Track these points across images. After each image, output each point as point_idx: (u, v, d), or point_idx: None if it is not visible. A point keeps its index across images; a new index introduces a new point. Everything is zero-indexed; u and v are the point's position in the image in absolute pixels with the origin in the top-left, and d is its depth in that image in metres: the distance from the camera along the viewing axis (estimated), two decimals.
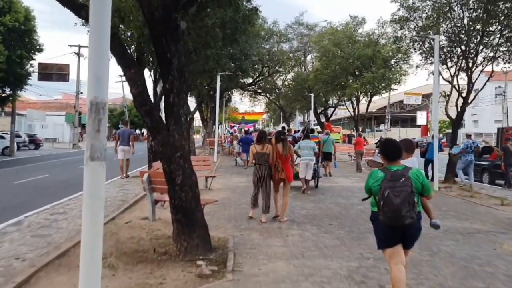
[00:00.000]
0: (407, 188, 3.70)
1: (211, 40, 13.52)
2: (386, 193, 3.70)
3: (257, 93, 43.91)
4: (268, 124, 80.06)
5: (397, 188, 3.69)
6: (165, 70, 5.45)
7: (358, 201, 10.06)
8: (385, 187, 3.73)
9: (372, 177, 4.00)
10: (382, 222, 3.81)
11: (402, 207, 3.64)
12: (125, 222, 7.51)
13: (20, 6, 23.16)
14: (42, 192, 11.44)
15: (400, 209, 3.64)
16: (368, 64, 24.25)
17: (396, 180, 3.75)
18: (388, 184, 3.74)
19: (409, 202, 3.67)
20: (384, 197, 3.70)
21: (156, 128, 5.44)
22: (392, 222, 3.74)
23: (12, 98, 27.00)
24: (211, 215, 8.06)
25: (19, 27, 23.05)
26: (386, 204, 3.69)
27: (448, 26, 14.67)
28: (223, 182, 13.40)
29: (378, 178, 3.89)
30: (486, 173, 15.38)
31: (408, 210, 3.66)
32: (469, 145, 13.86)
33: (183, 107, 5.53)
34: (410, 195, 3.69)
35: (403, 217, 3.67)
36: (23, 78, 25.44)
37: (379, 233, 4.02)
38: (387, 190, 3.70)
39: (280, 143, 7.81)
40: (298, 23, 37.55)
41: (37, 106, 55.91)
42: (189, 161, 5.58)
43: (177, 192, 5.44)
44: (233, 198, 10.27)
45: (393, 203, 3.65)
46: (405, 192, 3.67)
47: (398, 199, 3.65)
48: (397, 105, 67.89)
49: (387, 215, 3.71)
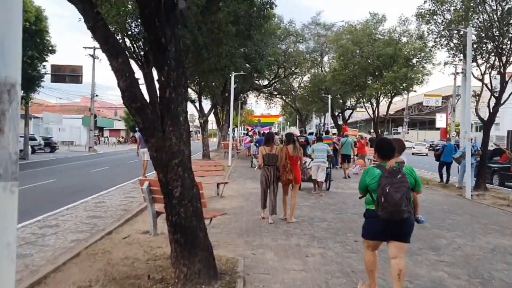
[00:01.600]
0: (405, 184, 3.83)
1: (223, 36, 12.62)
2: (387, 189, 3.78)
3: (272, 95, 42.95)
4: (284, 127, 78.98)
5: (396, 184, 3.80)
6: (159, 59, 4.53)
7: None
8: (384, 184, 3.83)
9: (368, 175, 4.12)
10: (381, 217, 3.87)
11: (401, 202, 3.74)
12: (122, 237, 6.62)
13: (31, 6, 22.57)
14: (42, 200, 10.67)
15: (400, 204, 3.74)
16: (389, 63, 23.00)
17: (393, 177, 3.86)
18: (387, 181, 3.84)
19: (406, 197, 3.79)
20: (385, 193, 3.78)
21: (149, 130, 4.53)
22: (392, 216, 3.82)
23: (25, 100, 26.71)
24: (220, 228, 7.14)
25: (29, 27, 22.52)
26: (387, 200, 3.77)
27: (479, 20, 13.44)
28: (237, 188, 12.47)
29: (375, 175, 4.02)
30: (496, 175, 15.51)
31: (406, 205, 3.78)
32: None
33: (182, 104, 4.60)
34: (408, 191, 3.83)
35: (402, 211, 3.77)
36: (35, 79, 25.03)
37: (374, 227, 4.09)
38: (387, 186, 3.80)
39: (291, 144, 7.90)
40: (314, 23, 36.54)
41: (55, 109, 56.39)
42: (190, 169, 4.64)
43: (175, 207, 4.51)
44: (246, 207, 9.31)
45: (393, 198, 3.74)
46: (404, 188, 3.80)
47: (398, 194, 3.74)
48: (415, 107, 66.47)
49: (388, 210, 3.78)
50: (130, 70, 4.55)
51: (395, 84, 22.07)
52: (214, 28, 12.44)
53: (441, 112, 57.78)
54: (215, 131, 56.91)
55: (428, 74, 23.32)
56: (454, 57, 14.81)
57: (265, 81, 36.65)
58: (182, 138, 4.56)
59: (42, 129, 48.59)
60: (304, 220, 7.97)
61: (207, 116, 25.78)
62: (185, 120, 4.63)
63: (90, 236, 6.58)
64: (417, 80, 23.09)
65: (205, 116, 25.24)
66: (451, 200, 10.96)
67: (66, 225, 7.38)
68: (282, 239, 6.50)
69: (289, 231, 7.04)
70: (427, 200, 10.74)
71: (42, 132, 45.98)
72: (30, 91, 25.97)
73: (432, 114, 63.07)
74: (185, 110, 4.67)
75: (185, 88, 4.71)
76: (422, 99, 54.87)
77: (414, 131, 69.76)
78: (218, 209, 9.07)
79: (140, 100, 4.54)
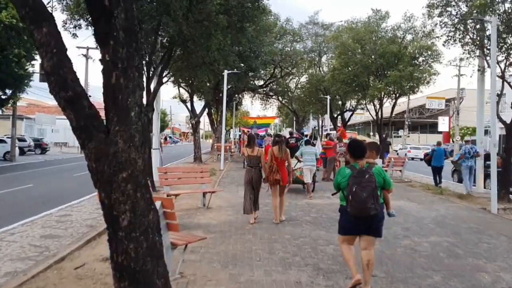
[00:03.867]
0: (371, 183, 4.15)
1: (212, 28, 11.21)
2: (354, 188, 4.14)
3: (268, 96, 41.53)
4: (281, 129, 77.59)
5: (363, 184, 4.12)
6: (102, 29, 3.14)
7: (402, 230, 7.62)
8: (352, 183, 4.18)
9: (340, 174, 4.47)
10: (350, 213, 4.23)
11: (367, 200, 4.08)
12: (75, 266, 5.19)
13: None
14: (6, 210, 9.22)
15: (366, 202, 4.08)
16: (393, 62, 21.66)
17: (362, 177, 4.18)
18: (355, 180, 4.18)
19: (373, 196, 4.12)
20: (352, 192, 4.15)
21: (86, 130, 3.13)
22: (359, 213, 4.17)
23: (13, 100, 25.41)
24: (200, 254, 5.74)
25: (16, 24, 21.10)
26: (354, 198, 4.13)
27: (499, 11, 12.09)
28: (227, 197, 11.07)
29: (345, 175, 4.35)
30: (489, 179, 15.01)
31: (372, 203, 4.10)
32: (467, 151, 13.68)
33: (134, 94, 3.20)
34: (374, 190, 4.15)
35: (369, 208, 4.09)
36: (23, 79, 23.70)
37: (345, 223, 4.43)
38: (354, 185, 4.15)
39: (276, 146, 8.10)
40: (312, 22, 35.27)
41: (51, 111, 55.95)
42: (145, 187, 3.23)
43: (121, 242, 3.11)
44: (236, 223, 7.90)
45: (359, 196, 4.09)
46: (370, 187, 4.12)
47: (364, 193, 4.09)
48: (416, 110, 65.36)
49: (355, 207, 4.14)
50: (58, 45, 3.14)
51: (400, 83, 20.70)
52: (203, 19, 11.04)
53: (443, 115, 56.34)
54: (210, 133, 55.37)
55: (435, 73, 21.95)
56: (471, 53, 13.41)
57: (261, 81, 35.29)
58: (134, 142, 3.16)
59: (36, 130, 47.58)
60: (305, 242, 6.56)
61: (199, 116, 24.37)
62: (138, 117, 3.23)
63: (33, 266, 5.15)
64: (423, 80, 21.71)
65: (196, 117, 23.82)
66: (475, 216, 9.56)
67: (10, 248, 5.93)
68: (277, 272, 5.08)
69: (286, 259, 5.62)
70: (449, 215, 9.36)
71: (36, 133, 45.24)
72: (17, 90, 24.72)
73: (434, 118, 61.78)
74: (139, 102, 3.26)
75: (139, 71, 3.29)
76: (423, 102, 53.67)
77: (415, 135, 68.47)
78: (202, 224, 7.70)
79: (73, 87, 3.13)
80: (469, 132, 51.70)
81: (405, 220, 8.62)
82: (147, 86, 11.53)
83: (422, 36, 22.22)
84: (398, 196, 12.49)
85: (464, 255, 6.07)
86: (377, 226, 4.34)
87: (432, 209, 10.19)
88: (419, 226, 8.05)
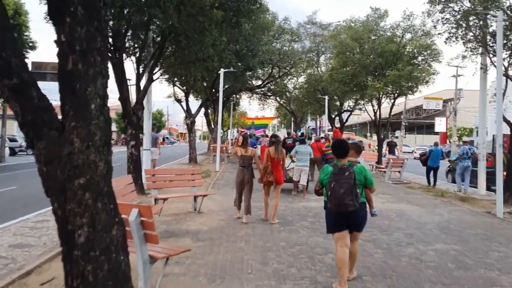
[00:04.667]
0: (350, 180, 4.29)
1: (206, 22, 10.66)
2: (332, 185, 4.33)
3: (266, 96, 40.95)
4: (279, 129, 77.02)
5: (341, 181, 4.30)
6: (56, 3, 2.60)
7: (405, 237, 7.10)
8: (332, 180, 4.38)
9: (323, 172, 4.63)
10: (330, 209, 4.44)
11: (345, 196, 4.23)
12: (41, 282, 4.63)
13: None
14: None
15: (343, 198, 4.24)
16: (392, 61, 21.17)
17: (342, 174, 4.36)
18: (335, 178, 4.37)
19: (351, 192, 4.25)
20: (331, 188, 4.33)
21: (35, 125, 2.59)
22: (337, 208, 4.34)
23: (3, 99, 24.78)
24: (185, 266, 5.20)
25: None
26: (332, 194, 4.32)
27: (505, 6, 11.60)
28: (220, 200, 10.53)
29: (328, 172, 4.52)
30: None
31: (351, 199, 4.24)
32: (465, 152, 13.78)
33: (94, 82, 2.66)
34: (353, 187, 4.28)
35: (347, 205, 4.25)
36: None
37: (329, 219, 4.62)
38: (333, 182, 4.35)
39: (273, 146, 8.03)
40: (311, 22, 34.77)
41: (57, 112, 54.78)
42: (109, 195, 2.69)
43: (76, 263, 2.56)
44: (227, 229, 7.34)
45: (337, 192, 4.27)
46: (348, 184, 4.27)
47: (342, 189, 4.25)
48: (413, 111, 65.13)
49: (333, 203, 4.33)
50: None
51: (399, 83, 20.20)
52: (196, 12, 10.50)
53: (440, 116, 55.96)
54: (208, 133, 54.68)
55: (434, 73, 21.46)
56: (474, 50, 12.91)
57: (259, 81, 34.75)
58: (93, 141, 2.61)
59: None
60: (302, 250, 6.02)
61: (194, 116, 23.79)
62: (100, 110, 2.68)
63: None
64: (422, 80, 21.22)
65: (192, 117, 23.25)
66: (481, 220, 9.02)
67: None
68: (270, 287, 4.54)
69: (281, 271, 5.08)
70: (454, 221, 8.83)
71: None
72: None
73: (430, 118, 61.50)
74: (101, 92, 2.71)
75: (101, 56, 2.74)
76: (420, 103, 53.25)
77: (412, 136, 68.27)
78: (192, 231, 7.16)
79: (18, 73, 2.58)
80: (466, 133, 51.46)
81: (408, 225, 8.12)
82: (137, 83, 10.98)
83: (422, 34, 21.78)
84: (397, 198, 11.99)
85: (475, 266, 5.54)
86: (359, 222, 4.57)
87: (435, 213, 9.69)
88: (423, 232, 7.54)
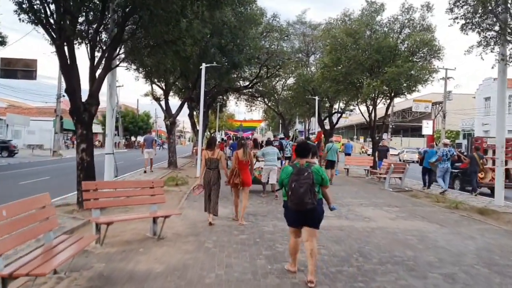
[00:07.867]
0: (308, 180, 4.53)
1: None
2: (293, 185, 4.54)
3: (254, 97, 39.01)
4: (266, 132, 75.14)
5: (301, 181, 4.52)
6: None
7: (444, 280, 5.05)
8: (292, 180, 4.59)
9: (284, 172, 4.84)
10: (290, 208, 4.69)
11: (305, 195, 4.48)
12: None
13: None
14: None
15: (303, 197, 4.48)
16: (390, 57, 19.40)
17: (301, 174, 4.59)
18: (294, 178, 4.59)
19: (310, 191, 4.50)
20: (291, 188, 4.55)
21: None
22: (297, 207, 4.59)
23: None
24: None
25: None
26: (292, 193, 4.54)
27: None
28: (193, 217, 8.51)
29: (288, 172, 4.74)
30: (457, 180, 16.43)
31: (310, 198, 4.49)
32: (444, 153, 14.31)
33: None
34: (312, 186, 4.54)
35: (306, 203, 4.50)
36: None
37: (288, 216, 4.92)
38: (293, 182, 4.56)
39: (241, 149, 8.27)
40: (300, 21, 33.06)
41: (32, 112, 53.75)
42: None
43: None
44: (194, 268, 5.16)
45: (297, 192, 4.49)
46: (307, 184, 4.51)
47: (301, 189, 4.48)
48: (399, 114, 64.64)
49: (294, 202, 4.56)
50: None
51: (398, 81, 18.42)
52: None
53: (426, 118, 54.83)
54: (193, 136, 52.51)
55: (435, 71, 19.74)
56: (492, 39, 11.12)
57: (246, 82, 32.80)
58: None
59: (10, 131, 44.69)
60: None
61: (175, 116, 21.65)
62: None
63: None
64: (421, 78, 19.43)
65: (171, 117, 21.14)
66: None
67: None
68: None
69: None
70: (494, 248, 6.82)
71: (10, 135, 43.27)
72: None
73: (417, 121, 60.70)
74: None
75: None
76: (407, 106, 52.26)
77: (398, 138, 67.70)
78: (138, 274, 4.98)
79: None
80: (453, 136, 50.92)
81: (439, 258, 6.07)
82: (91, 72, 8.87)
83: (421, 30, 20.08)
84: (408, 213, 10.04)
85: None
86: (316, 219, 4.76)
87: (464, 235, 7.72)
88: (466, 272, 5.44)
